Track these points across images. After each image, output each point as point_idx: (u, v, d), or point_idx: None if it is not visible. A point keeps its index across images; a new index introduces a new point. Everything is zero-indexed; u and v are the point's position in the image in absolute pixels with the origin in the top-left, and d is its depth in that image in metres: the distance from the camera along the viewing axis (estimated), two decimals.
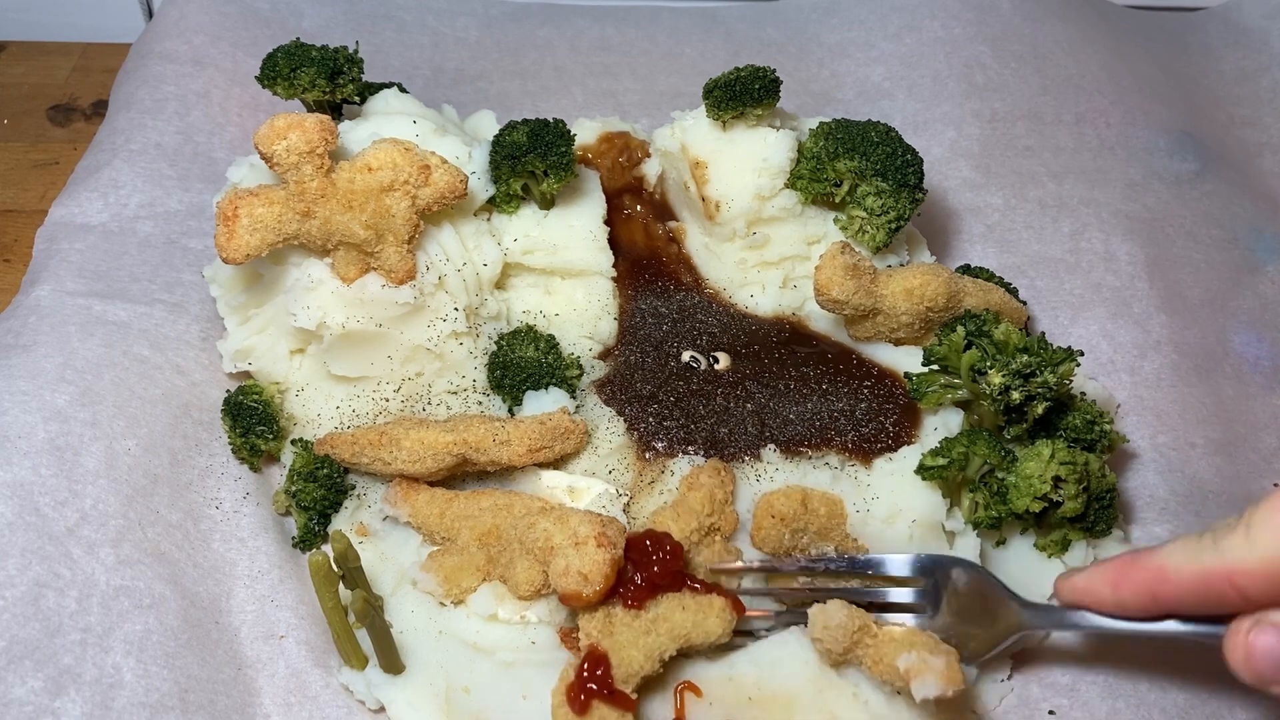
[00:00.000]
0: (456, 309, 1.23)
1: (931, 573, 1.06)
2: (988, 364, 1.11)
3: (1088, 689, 1.10)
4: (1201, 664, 1.09)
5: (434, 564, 1.10)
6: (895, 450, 1.17)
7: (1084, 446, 1.14)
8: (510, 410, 1.24)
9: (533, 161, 1.24)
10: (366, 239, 1.15)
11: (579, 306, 1.32)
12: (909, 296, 1.18)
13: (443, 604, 1.09)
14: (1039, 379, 1.08)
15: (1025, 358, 1.09)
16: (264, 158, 1.12)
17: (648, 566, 1.03)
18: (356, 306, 1.18)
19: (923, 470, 1.12)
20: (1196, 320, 1.42)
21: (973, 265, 1.39)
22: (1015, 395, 1.08)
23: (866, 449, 1.19)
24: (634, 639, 1.00)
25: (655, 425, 1.22)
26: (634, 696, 1.00)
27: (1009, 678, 1.12)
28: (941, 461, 1.10)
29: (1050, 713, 1.09)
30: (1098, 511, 1.13)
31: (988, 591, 1.02)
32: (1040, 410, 1.09)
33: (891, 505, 1.13)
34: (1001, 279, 1.34)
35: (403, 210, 1.14)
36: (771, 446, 1.19)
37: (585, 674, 0.99)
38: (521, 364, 1.23)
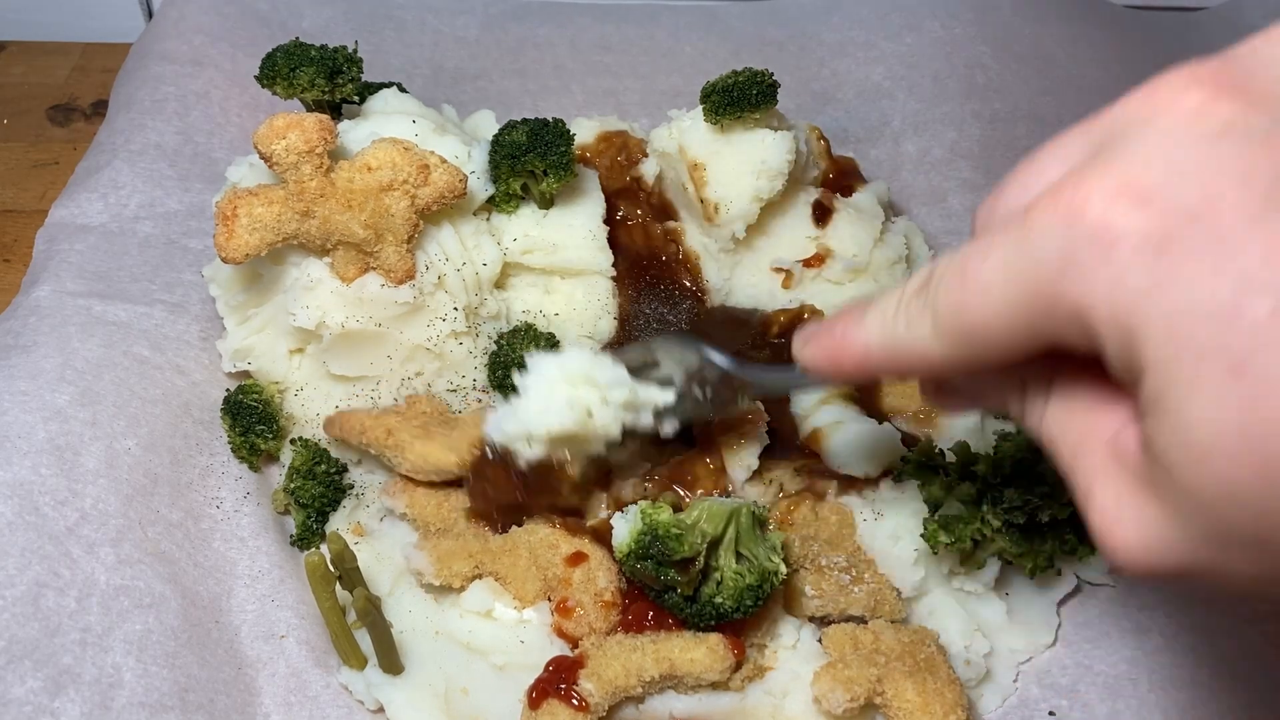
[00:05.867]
0: (456, 308, 1.23)
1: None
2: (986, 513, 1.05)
3: (1088, 689, 1.10)
4: (1202, 664, 1.09)
5: (427, 544, 1.10)
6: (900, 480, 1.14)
7: None
8: None
9: (532, 161, 1.24)
10: (366, 238, 1.15)
11: (579, 306, 1.31)
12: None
13: (432, 584, 1.09)
14: (1036, 504, 1.03)
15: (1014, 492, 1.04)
16: (263, 157, 1.12)
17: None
18: (356, 306, 1.18)
19: (931, 540, 1.06)
20: None
21: None
22: (1021, 518, 1.04)
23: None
24: (620, 653, 1.00)
25: None
26: (603, 710, 1.00)
27: (1015, 680, 1.12)
28: (948, 540, 1.05)
29: (1050, 713, 1.09)
30: None
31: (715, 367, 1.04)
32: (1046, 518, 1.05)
33: (896, 524, 1.11)
34: None
35: (402, 210, 1.14)
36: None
37: (550, 671, 1.00)
38: (523, 363, 1.23)
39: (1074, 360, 0.62)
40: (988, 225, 0.66)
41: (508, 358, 1.24)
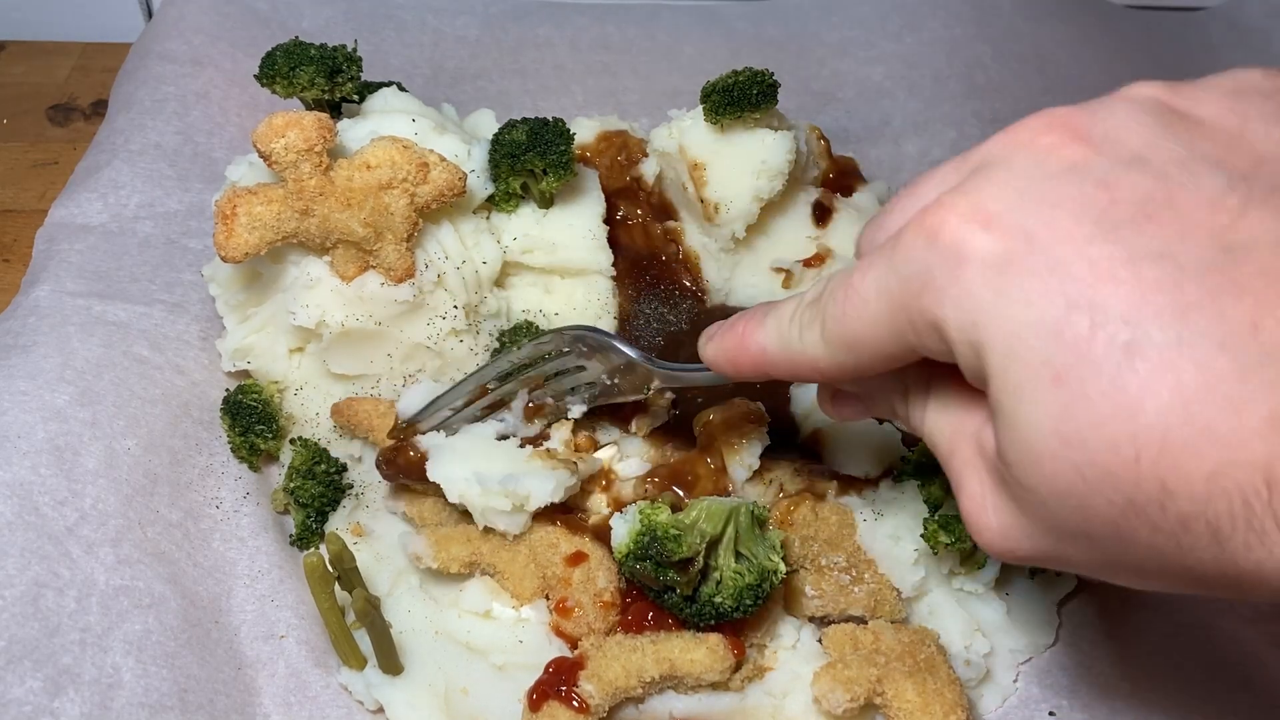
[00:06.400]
0: (456, 307, 1.23)
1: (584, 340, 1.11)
2: None
3: (1088, 689, 1.10)
4: (1202, 664, 1.09)
5: (425, 530, 1.11)
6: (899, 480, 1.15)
7: None
8: None
9: (532, 160, 1.24)
10: (365, 237, 1.15)
11: (578, 305, 1.31)
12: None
13: (430, 568, 1.09)
14: None
15: None
16: (262, 156, 1.12)
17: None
18: (355, 305, 1.18)
19: (931, 540, 1.06)
20: None
21: None
22: None
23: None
24: (620, 654, 1.00)
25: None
26: (603, 711, 0.99)
27: (1015, 680, 1.12)
28: (948, 540, 1.05)
29: (1050, 713, 1.09)
30: None
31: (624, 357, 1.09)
32: None
33: (896, 524, 1.11)
34: None
35: (401, 208, 1.14)
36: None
37: (550, 673, 1.00)
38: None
39: (944, 366, 0.67)
40: (870, 245, 0.72)
41: None
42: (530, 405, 1.15)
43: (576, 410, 1.15)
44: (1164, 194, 0.57)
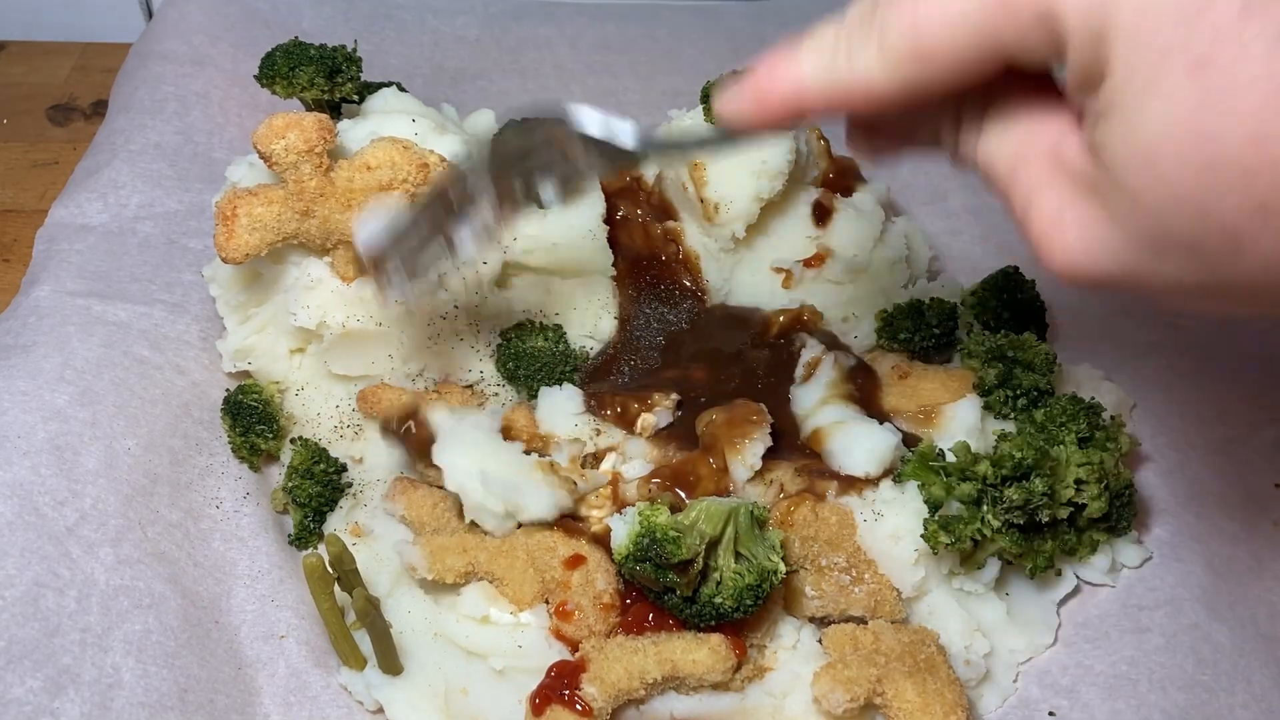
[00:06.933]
0: (456, 307, 1.23)
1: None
2: (985, 513, 1.05)
3: (1088, 690, 1.10)
4: (1202, 664, 1.09)
5: (420, 539, 1.11)
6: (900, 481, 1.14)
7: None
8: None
9: None
10: None
11: (579, 306, 1.32)
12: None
13: (425, 579, 1.09)
14: (1036, 504, 1.03)
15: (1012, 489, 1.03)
16: (262, 156, 1.12)
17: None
18: (356, 305, 1.18)
19: (931, 540, 1.06)
20: (1196, 320, 1.42)
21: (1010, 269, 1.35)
22: (1022, 519, 1.04)
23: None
24: (621, 656, 1.00)
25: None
26: (606, 714, 0.99)
27: (1015, 680, 1.12)
28: (948, 540, 1.05)
29: (1050, 714, 1.09)
30: (1119, 509, 1.13)
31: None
32: (1046, 518, 1.05)
33: (896, 524, 1.11)
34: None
35: None
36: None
37: (552, 676, 1.00)
38: (534, 354, 1.24)
39: (1013, 82, 0.62)
40: None
41: (517, 349, 1.24)
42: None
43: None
44: None
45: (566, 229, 1.30)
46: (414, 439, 1.13)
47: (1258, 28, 0.49)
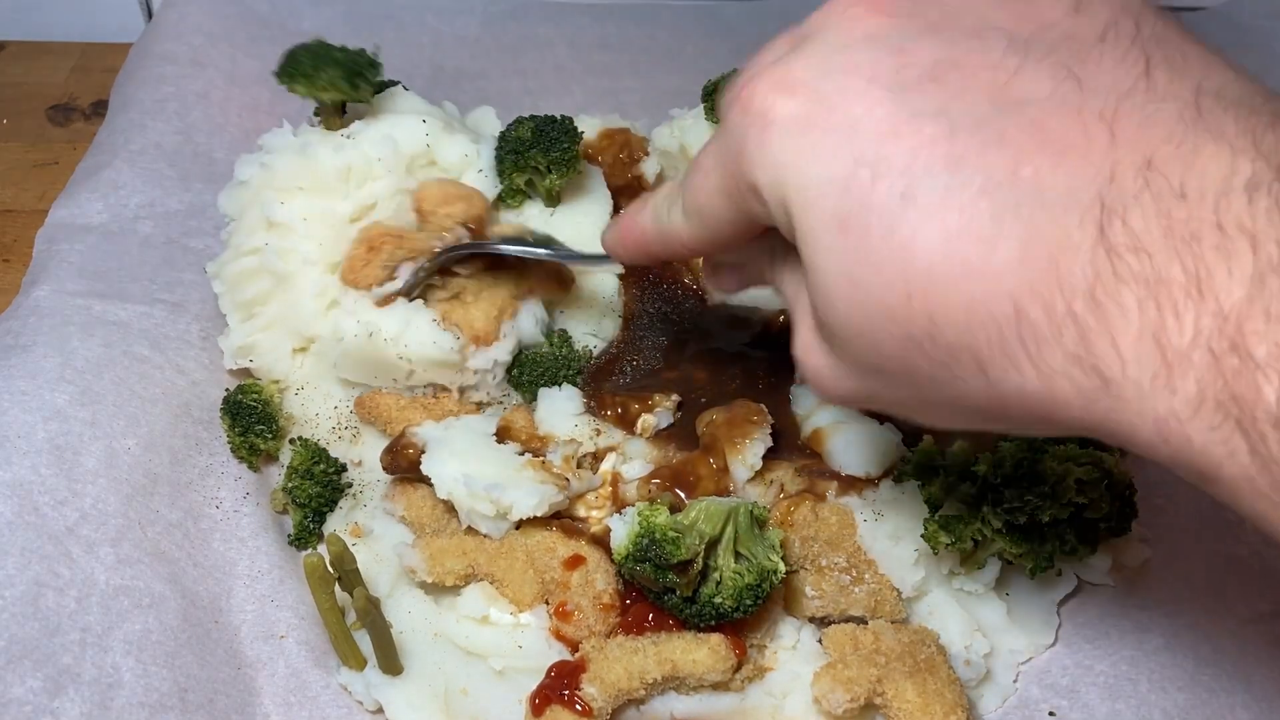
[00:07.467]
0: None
1: None
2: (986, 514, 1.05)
3: (1088, 690, 1.10)
4: (1202, 664, 1.09)
5: (420, 541, 1.11)
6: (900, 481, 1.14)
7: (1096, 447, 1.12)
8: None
9: (535, 157, 1.24)
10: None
11: (584, 304, 1.32)
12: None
13: (425, 582, 1.09)
14: (1036, 504, 1.03)
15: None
16: (420, 214, 1.22)
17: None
18: (394, 323, 1.20)
19: (931, 540, 1.06)
20: None
21: None
22: (1022, 518, 1.04)
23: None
24: (621, 656, 1.00)
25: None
26: (606, 714, 0.99)
27: (1015, 680, 1.12)
28: (948, 540, 1.05)
29: (1050, 714, 1.09)
30: (1119, 509, 1.12)
31: None
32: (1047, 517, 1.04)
33: (896, 524, 1.11)
34: None
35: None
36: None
37: (552, 677, 1.00)
38: (537, 359, 1.24)
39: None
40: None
41: (522, 355, 1.25)
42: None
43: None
44: (951, 58, 0.61)
45: (573, 226, 1.31)
46: (406, 460, 1.13)
47: (885, 189, 0.59)
